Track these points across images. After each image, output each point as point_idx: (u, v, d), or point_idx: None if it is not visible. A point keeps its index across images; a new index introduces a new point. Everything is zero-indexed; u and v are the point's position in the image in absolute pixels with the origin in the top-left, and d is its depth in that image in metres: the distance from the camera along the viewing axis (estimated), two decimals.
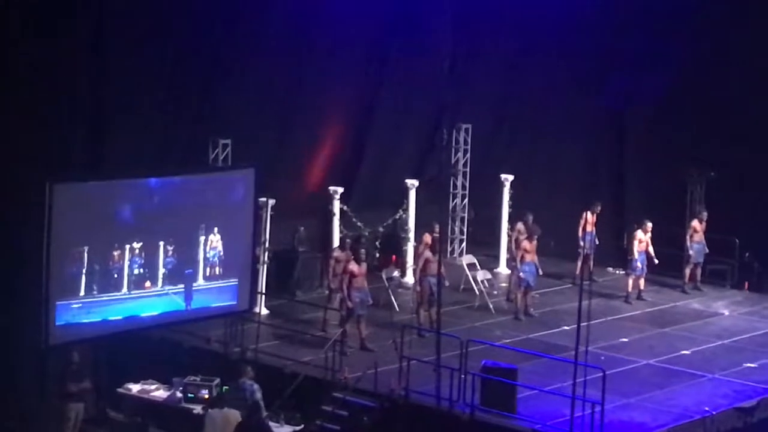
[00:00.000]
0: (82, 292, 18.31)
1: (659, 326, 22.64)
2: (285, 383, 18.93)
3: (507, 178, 26.16)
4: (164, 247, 19.30)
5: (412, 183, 24.98)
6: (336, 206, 23.81)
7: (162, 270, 19.32)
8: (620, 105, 26.54)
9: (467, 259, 25.01)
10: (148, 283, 19.18)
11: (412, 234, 24.70)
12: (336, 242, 23.14)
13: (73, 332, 18.28)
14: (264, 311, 22.06)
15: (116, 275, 18.73)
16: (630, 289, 24.06)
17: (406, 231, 24.93)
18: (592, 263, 23.16)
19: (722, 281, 25.41)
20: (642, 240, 23.85)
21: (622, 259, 25.18)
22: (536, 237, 22.87)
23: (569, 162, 27.48)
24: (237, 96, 22.85)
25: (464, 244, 26.93)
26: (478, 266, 24.46)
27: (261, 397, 17.95)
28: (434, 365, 17.80)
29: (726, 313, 23.65)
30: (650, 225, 23.89)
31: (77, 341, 18.65)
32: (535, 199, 25.89)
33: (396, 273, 24.13)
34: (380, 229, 25.23)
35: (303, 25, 23.91)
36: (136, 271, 18.97)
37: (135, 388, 19.72)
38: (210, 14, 22.06)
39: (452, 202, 26.93)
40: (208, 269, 19.93)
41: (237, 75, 22.91)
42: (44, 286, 17.72)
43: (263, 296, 22.10)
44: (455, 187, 26.95)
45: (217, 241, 19.94)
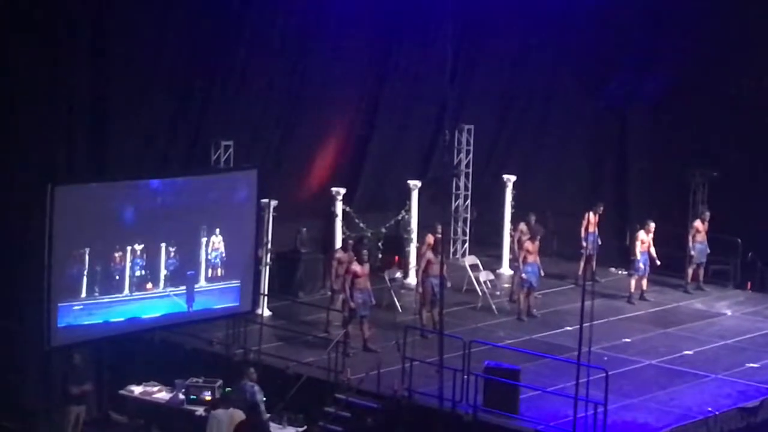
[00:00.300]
0: (84, 294, 18.31)
1: (662, 326, 22.62)
2: (288, 384, 18.91)
3: (509, 179, 26.14)
4: (166, 249, 19.30)
5: (415, 184, 24.96)
6: (338, 207, 23.79)
7: (164, 271, 19.32)
8: (622, 105, 26.54)
9: (470, 260, 25.00)
10: (150, 285, 19.18)
11: (415, 235, 24.67)
12: (338, 243, 23.13)
13: (75, 334, 18.28)
14: (266, 312, 22.05)
15: (118, 277, 18.73)
16: (632, 290, 24.05)
17: (409, 232, 24.91)
18: (595, 264, 23.15)
19: (725, 281, 25.39)
20: (644, 241, 23.83)
21: (625, 260, 25.18)
22: (539, 237, 22.86)
23: (572, 162, 27.49)
24: (239, 97, 22.84)
25: (467, 245, 26.93)
26: (481, 267, 24.44)
27: (262, 399, 17.94)
28: (437, 366, 17.74)
29: (729, 313, 23.62)
30: (653, 226, 23.87)
31: (79, 343, 18.65)
32: (538, 200, 25.91)
33: (399, 274, 24.15)
34: (383, 230, 25.23)
35: (305, 27, 23.89)
36: (138, 273, 18.97)
37: (137, 390, 19.70)
38: (212, 16, 22.04)
39: (455, 203, 26.93)
40: (210, 271, 19.93)
41: (239, 76, 22.89)
42: (46, 288, 17.72)
43: (266, 297, 22.08)
44: (458, 188, 26.94)
45: (219, 243, 19.93)
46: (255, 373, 18.24)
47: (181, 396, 19.19)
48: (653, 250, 23.90)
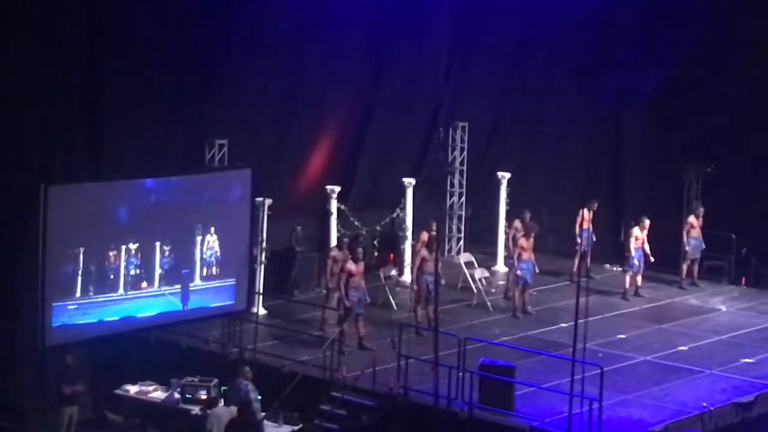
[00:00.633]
0: (79, 294, 18.31)
1: (657, 322, 22.64)
2: (283, 383, 18.91)
3: (504, 176, 26.16)
4: (161, 248, 19.30)
5: (410, 182, 24.97)
6: (333, 205, 23.80)
7: (158, 270, 19.31)
8: (617, 103, 26.55)
9: (465, 257, 25.00)
10: (145, 284, 19.17)
11: (410, 232, 24.69)
12: (334, 241, 23.13)
13: (70, 333, 18.28)
14: (262, 311, 22.05)
15: (112, 276, 18.73)
16: (627, 286, 24.07)
17: (404, 230, 24.93)
18: (590, 260, 23.14)
19: (719, 277, 25.42)
20: (639, 237, 23.86)
21: (620, 256, 25.21)
22: (533, 234, 22.88)
23: (566, 159, 27.50)
24: (234, 96, 22.83)
25: (462, 242, 26.94)
26: (476, 264, 24.45)
27: (256, 397, 17.95)
28: (432, 363, 17.78)
29: (723, 309, 23.66)
30: (648, 222, 23.89)
31: (74, 342, 18.65)
32: (533, 197, 25.93)
33: (394, 272, 24.15)
34: (378, 228, 25.24)
35: (300, 26, 23.89)
36: (133, 272, 18.96)
37: (133, 390, 19.69)
38: (207, 16, 22.04)
39: (449, 201, 26.94)
40: (205, 269, 19.92)
41: (234, 76, 22.89)
42: (40, 289, 17.71)
43: (261, 296, 22.09)
44: (452, 186, 26.95)
45: (214, 242, 19.93)
46: (250, 372, 18.26)
47: (177, 395, 19.18)
48: (647, 247, 23.93)
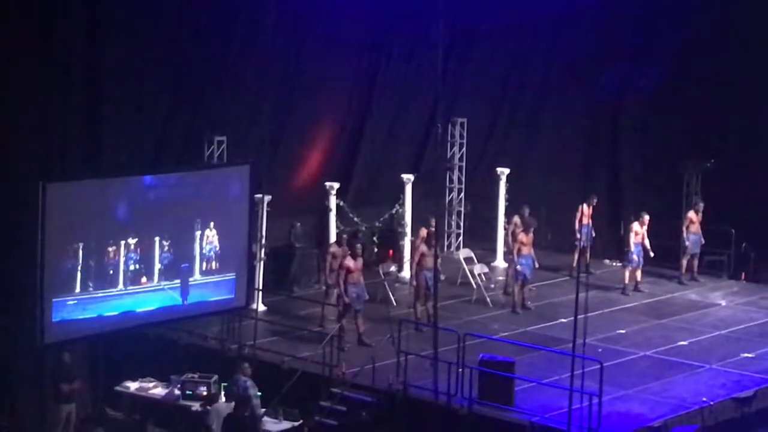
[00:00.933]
0: (78, 289, 18.28)
1: (656, 317, 22.65)
2: (283, 379, 18.90)
3: (503, 172, 26.16)
4: (160, 243, 19.27)
5: (409, 178, 24.97)
6: (332, 202, 23.80)
7: (158, 265, 19.29)
8: (616, 97, 26.55)
9: (464, 253, 25.00)
10: (144, 279, 19.15)
11: (409, 229, 24.70)
12: (333, 238, 23.13)
13: (70, 329, 18.25)
14: (261, 307, 22.05)
15: (112, 271, 18.70)
16: (627, 281, 24.07)
17: (403, 226, 24.93)
18: (589, 255, 23.16)
19: (719, 272, 25.42)
20: (638, 232, 23.86)
21: (619, 251, 25.20)
22: (532, 230, 22.88)
23: (565, 155, 27.49)
24: (232, 93, 22.82)
25: (461, 238, 26.94)
26: (475, 260, 24.46)
27: (255, 393, 17.96)
28: (432, 359, 17.80)
29: (723, 304, 23.66)
30: (647, 218, 23.89)
31: (74, 339, 18.64)
32: (532, 193, 25.93)
33: (393, 268, 24.16)
34: (377, 224, 25.25)
35: (298, 22, 23.89)
36: (132, 267, 18.94)
37: (133, 386, 19.70)
38: (206, 12, 22.04)
39: (448, 197, 26.94)
40: (205, 264, 19.91)
41: (232, 72, 22.87)
42: (39, 286, 17.69)
43: (260, 292, 22.09)
44: (451, 182, 26.95)
45: (213, 236, 19.91)
46: (249, 368, 18.25)
47: (177, 392, 19.19)
48: (647, 242, 23.93)
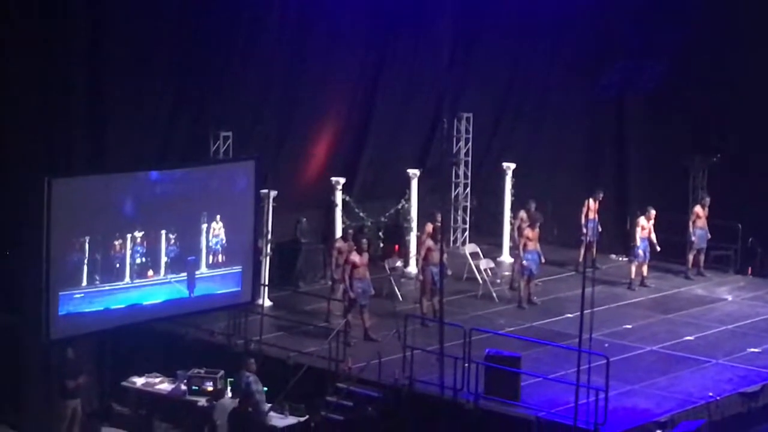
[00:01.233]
0: (85, 282, 18.28)
1: (663, 312, 22.63)
2: (289, 374, 18.92)
3: (509, 167, 26.15)
4: (166, 236, 19.26)
5: (414, 173, 24.97)
6: (338, 197, 23.80)
7: (164, 258, 19.28)
8: (621, 91, 26.48)
9: (470, 248, 25.01)
10: (151, 272, 19.16)
11: (415, 224, 24.69)
12: (338, 233, 23.13)
13: (76, 322, 18.25)
14: (267, 303, 22.06)
15: (118, 265, 18.70)
16: (633, 276, 24.06)
17: (409, 221, 24.93)
18: (595, 250, 23.14)
19: (725, 267, 25.41)
20: (645, 227, 23.84)
21: (625, 246, 25.19)
22: (538, 225, 22.87)
23: (571, 149, 27.46)
24: (237, 88, 22.81)
25: (467, 233, 26.94)
26: (481, 255, 24.45)
27: (258, 389, 17.97)
28: (438, 354, 17.78)
29: (729, 299, 23.64)
30: (654, 212, 23.89)
31: (81, 333, 18.64)
32: (538, 187, 25.90)
33: (399, 263, 24.16)
34: (383, 219, 25.24)
35: (303, 17, 23.86)
36: (139, 260, 18.94)
37: (139, 382, 19.74)
38: (210, 6, 22.02)
39: (454, 192, 26.93)
40: (211, 257, 19.90)
41: (237, 67, 22.86)
42: (44, 281, 17.70)
43: (266, 288, 22.10)
44: (457, 177, 26.94)
45: (220, 229, 19.90)
46: (254, 364, 18.25)
47: (183, 387, 19.23)
48: (654, 237, 23.91)
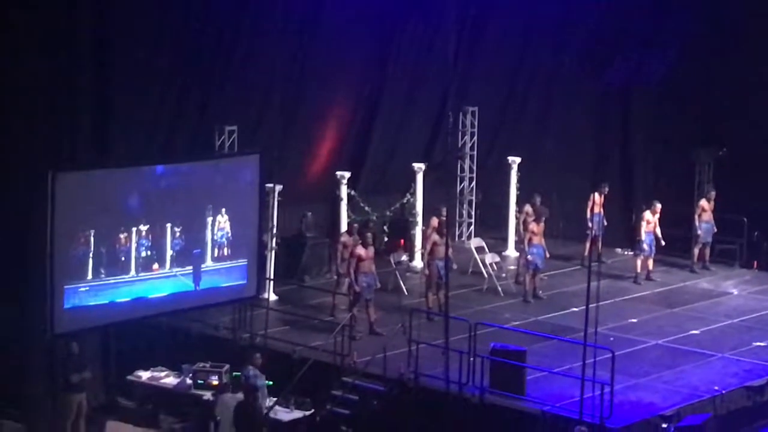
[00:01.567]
0: (90, 276, 18.28)
1: (668, 306, 22.62)
2: (294, 368, 18.91)
3: (514, 161, 26.13)
4: (171, 229, 19.26)
5: (420, 167, 24.97)
6: (343, 191, 23.80)
7: (170, 252, 19.27)
8: (627, 85, 26.47)
9: (475, 243, 25.01)
10: (156, 266, 19.15)
11: (420, 218, 24.70)
12: (344, 227, 23.13)
13: (81, 316, 18.26)
14: (272, 297, 22.07)
15: (123, 258, 18.70)
16: (639, 270, 24.05)
17: (414, 215, 24.93)
18: (601, 244, 23.12)
19: (731, 260, 25.38)
20: (650, 221, 23.83)
21: (631, 240, 25.17)
22: (544, 219, 22.87)
23: (576, 144, 27.44)
24: (242, 83, 22.79)
25: (472, 228, 26.92)
26: (487, 249, 24.45)
27: (262, 384, 17.95)
28: (443, 348, 17.77)
29: (735, 293, 23.63)
30: (659, 206, 23.86)
31: (86, 327, 18.65)
32: (543, 182, 25.89)
33: (404, 257, 24.15)
34: (388, 214, 25.24)
35: (308, 11, 23.84)
36: (144, 254, 18.94)
37: (145, 376, 19.76)
38: (216, 1, 22.01)
39: (460, 186, 26.91)
40: (217, 250, 19.89)
41: (242, 61, 22.83)
42: (48, 275, 17.72)
43: (271, 282, 22.11)
44: (462, 171, 26.92)
45: (225, 222, 19.89)
46: (260, 359, 18.24)
47: (189, 381, 19.24)
48: (659, 231, 23.89)
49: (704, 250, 24.91)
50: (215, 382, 18.86)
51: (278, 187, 21.92)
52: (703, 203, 24.63)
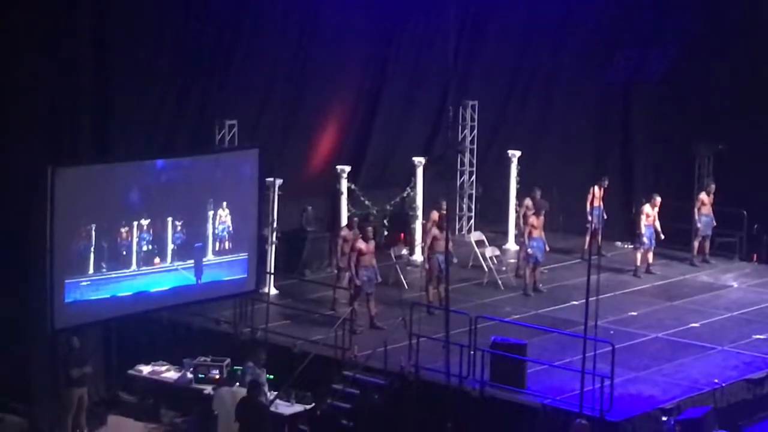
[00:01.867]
0: (91, 270, 18.28)
1: (668, 299, 22.65)
2: (295, 362, 18.94)
3: (514, 155, 26.15)
4: (173, 223, 19.26)
5: (420, 161, 24.98)
6: (344, 185, 23.82)
7: (171, 246, 19.26)
8: (627, 79, 26.44)
9: (476, 236, 25.02)
10: (158, 260, 19.14)
11: (420, 212, 24.71)
12: (344, 221, 23.14)
13: (83, 310, 18.27)
14: (273, 291, 22.10)
15: (125, 252, 18.69)
16: (638, 263, 24.07)
17: (414, 209, 24.95)
18: (601, 238, 23.11)
19: (731, 254, 25.39)
20: (650, 214, 23.85)
21: (631, 234, 25.19)
22: (544, 212, 22.88)
23: (577, 137, 27.45)
24: (243, 77, 22.79)
25: (472, 221, 26.94)
26: (487, 243, 24.47)
27: (264, 380, 17.98)
28: (443, 342, 17.75)
29: (735, 286, 23.65)
30: (659, 200, 23.88)
31: (87, 322, 18.67)
32: (543, 175, 25.89)
33: (404, 251, 24.18)
34: (388, 207, 25.27)
35: (309, 6, 23.84)
36: (145, 248, 18.93)
37: (146, 370, 19.81)
38: (215, 1, 22.01)
39: (460, 179, 26.93)
40: (218, 244, 19.87)
41: (243, 55, 22.84)
42: (49, 270, 17.73)
43: (272, 276, 22.13)
44: (462, 164, 26.94)
45: (226, 216, 19.88)
46: (264, 356, 18.25)
47: (190, 375, 19.29)
48: (658, 224, 23.90)
49: (704, 244, 24.93)
50: (216, 377, 18.89)
51: (278, 181, 21.94)
52: (703, 196, 24.64)
